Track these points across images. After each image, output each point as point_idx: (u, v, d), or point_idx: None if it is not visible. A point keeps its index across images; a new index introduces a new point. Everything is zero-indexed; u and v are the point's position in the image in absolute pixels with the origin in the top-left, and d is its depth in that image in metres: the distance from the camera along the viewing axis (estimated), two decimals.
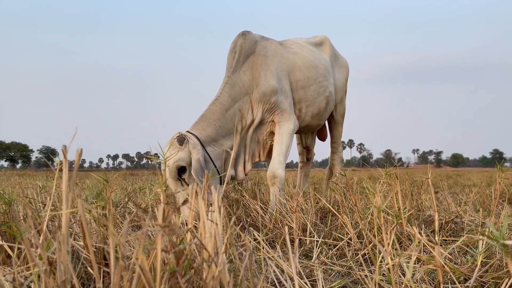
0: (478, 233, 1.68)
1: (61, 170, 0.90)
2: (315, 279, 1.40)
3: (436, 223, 1.36)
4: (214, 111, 2.75)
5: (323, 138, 4.20)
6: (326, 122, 4.13)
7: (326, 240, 1.85)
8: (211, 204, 1.04)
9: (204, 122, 2.72)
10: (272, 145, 2.98)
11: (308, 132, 4.02)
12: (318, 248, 1.74)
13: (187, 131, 2.64)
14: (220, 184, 2.68)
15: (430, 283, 1.28)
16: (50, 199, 0.99)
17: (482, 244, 1.28)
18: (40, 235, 1.00)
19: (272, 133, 3.00)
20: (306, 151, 4.24)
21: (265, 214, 2.33)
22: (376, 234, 1.55)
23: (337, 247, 1.75)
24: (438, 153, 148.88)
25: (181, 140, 2.49)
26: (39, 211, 1.36)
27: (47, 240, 0.87)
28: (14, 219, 1.24)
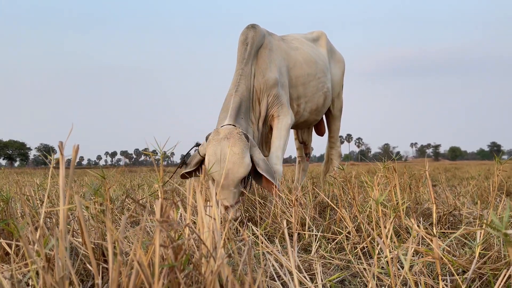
0: (477, 225, 1.68)
1: (57, 167, 0.89)
2: (314, 273, 1.41)
3: (434, 215, 1.36)
4: (239, 103, 2.65)
5: (321, 133, 4.20)
6: (324, 117, 4.13)
7: (325, 234, 1.85)
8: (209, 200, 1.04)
9: (238, 115, 2.59)
10: (271, 139, 2.98)
11: (304, 128, 4.03)
12: (317, 242, 1.74)
13: (232, 125, 2.46)
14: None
15: (428, 275, 1.29)
16: (46, 195, 0.99)
17: (480, 236, 1.28)
18: (37, 232, 1.00)
19: (271, 128, 3.00)
20: (304, 146, 4.25)
21: (263, 209, 2.33)
22: (374, 227, 1.55)
23: (336, 240, 1.76)
24: (436, 147, 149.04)
25: (247, 136, 2.36)
26: (37, 208, 1.36)
27: (45, 236, 0.86)
28: (11, 217, 1.24)
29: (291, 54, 3.19)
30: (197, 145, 2.62)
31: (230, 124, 2.45)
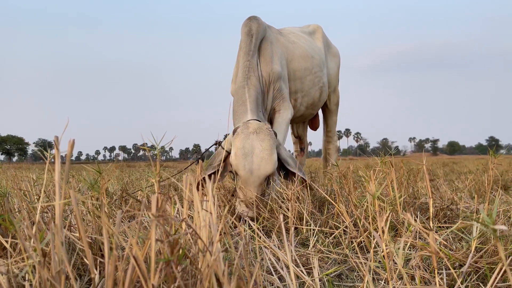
0: (474, 219, 1.69)
1: (54, 162, 0.89)
2: (311, 267, 1.41)
3: (431, 209, 1.37)
4: (255, 95, 2.57)
5: (314, 128, 4.21)
6: (320, 112, 4.13)
7: (322, 229, 1.86)
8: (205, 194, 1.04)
9: (256, 109, 2.51)
10: None
11: (300, 122, 4.03)
12: (315, 236, 1.74)
13: (256, 120, 2.38)
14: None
15: (425, 269, 1.29)
16: (42, 190, 0.99)
17: (476, 230, 1.29)
18: (34, 227, 1.00)
19: (271, 121, 2.97)
20: (299, 141, 4.26)
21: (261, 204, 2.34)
22: (371, 221, 1.55)
23: (333, 235, 1.76)
24: (435, 141, 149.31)
25: (275, 133, 2.29)
26: (34, 203, 1.36)
27: (41, 231, 0.86)
28: (8, 212, 1.24)
29: (289, 48, 3.17)
30: (217, 143, 2.55)
31: (255, 120, 2.39)
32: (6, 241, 1.13)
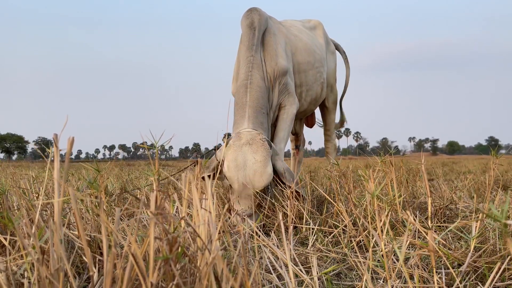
0: (473, 219, 1.69)
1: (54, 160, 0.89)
2: (310, 266, 1.41)
3: (430, 208, 1.37)
4: (257, 96, 2.42)
5: (310, 125, 4.19)
6: (318, 110, 4.12)
7: (321, 228, 1.86)
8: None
9: (257, 113, 2.36)
10: (274, 129, 2.82)
11: (298, 118, 4.00)
12: (314, 235, 1.75)
13: (254, 130, 2.25)
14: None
15: (424, 268, 1.29)
16: (42, 188, 0.99)
17: (476, 229, 1.29)
18: (33, 224, 1.00)
19: (276, 118, 2.88)
20: (296, 137, 4.24)
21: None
22: (370, 221, 1.56)
23: (332, 234, 1.76)
24: (434, 141, 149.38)
25: (270, 143, 2.17)
26: (33, 201, 1.35)
27: (40, 229, 0.86)
28: (7, 209, 1.24)
29: (292, 40, 3.05)
30: (216, 148, 2.45)
31: (251, 129, 2.26)
32: (5, 239, 1.13)
